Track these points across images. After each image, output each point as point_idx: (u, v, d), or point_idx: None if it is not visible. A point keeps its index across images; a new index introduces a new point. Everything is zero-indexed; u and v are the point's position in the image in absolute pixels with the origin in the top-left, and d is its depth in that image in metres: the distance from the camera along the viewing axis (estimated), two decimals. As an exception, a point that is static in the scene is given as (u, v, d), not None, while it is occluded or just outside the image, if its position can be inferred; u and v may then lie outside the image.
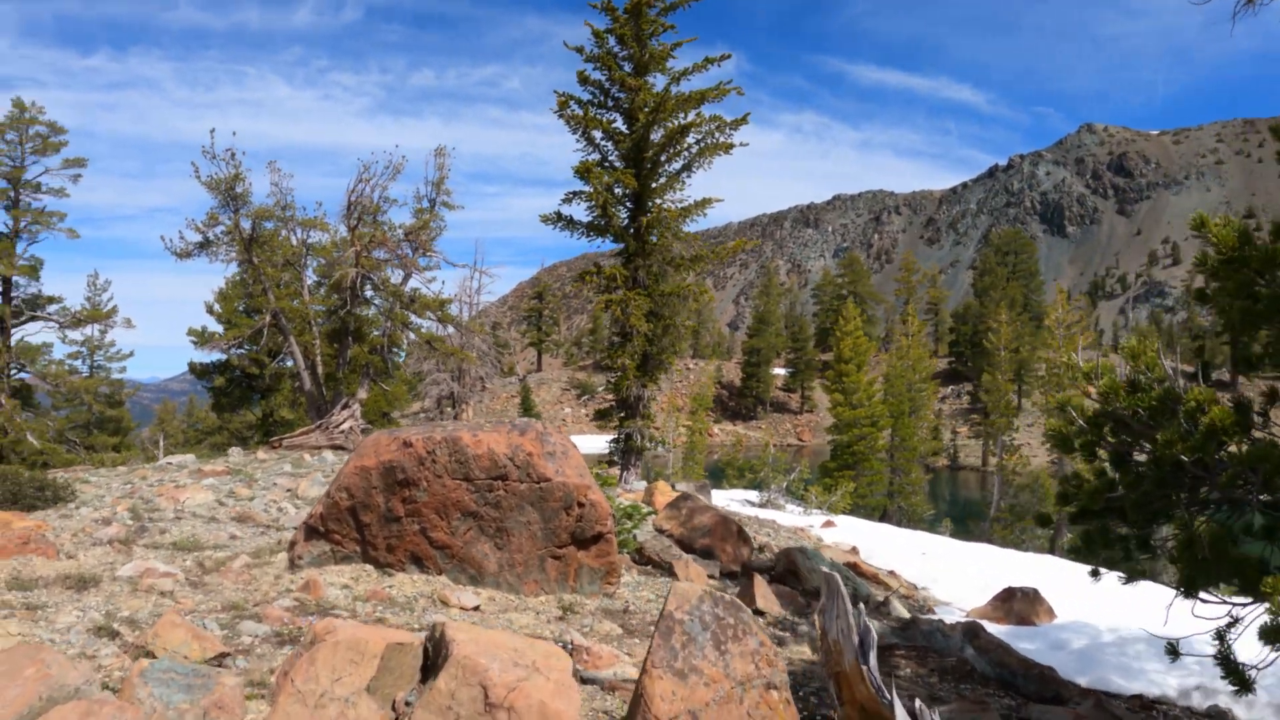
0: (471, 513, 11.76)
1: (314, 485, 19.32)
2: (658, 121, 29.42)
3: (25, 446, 39.96)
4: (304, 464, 26.42)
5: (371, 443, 12.27)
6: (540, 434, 12.33)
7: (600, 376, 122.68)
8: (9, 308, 41.07)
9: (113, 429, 56.67)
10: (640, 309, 28.90)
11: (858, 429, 53.36)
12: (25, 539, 11.66)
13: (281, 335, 37.08)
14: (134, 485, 20.17)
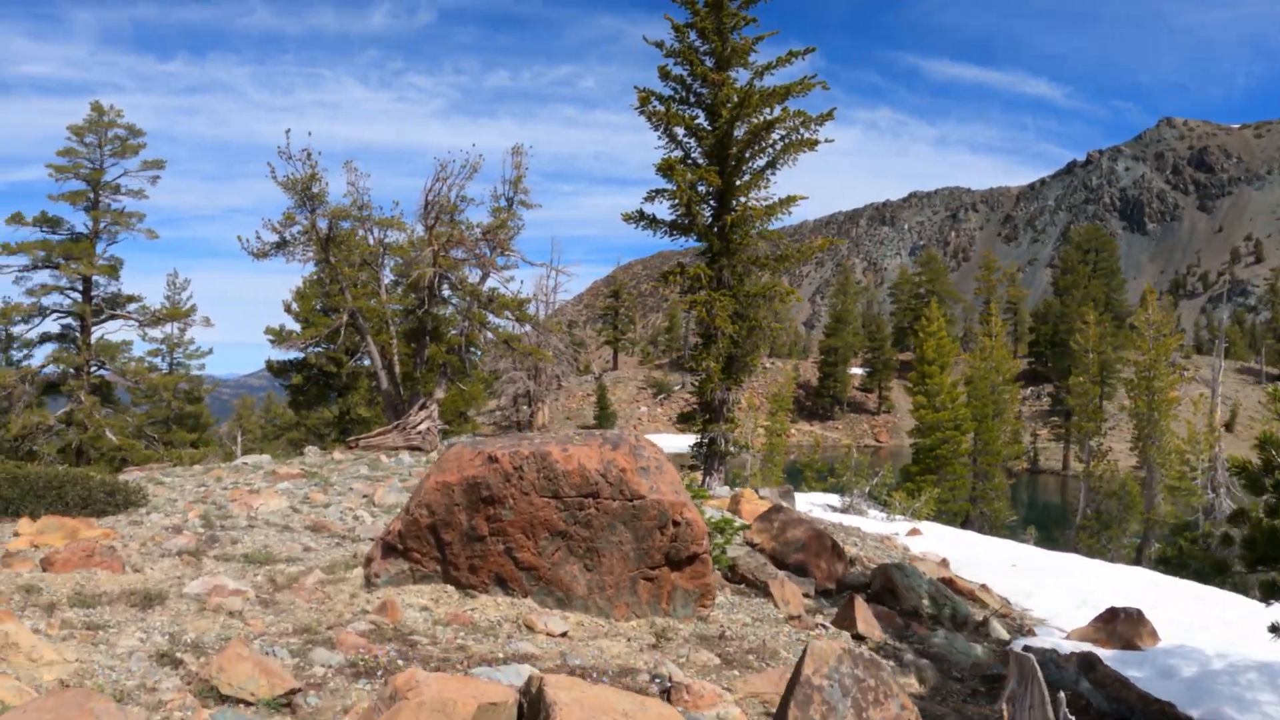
0: (560, 532, 11.09)
1: (391, 492, 18.71)
2: (741, 117, 28.68)
3: (104, 443, 40.28)
4: (380, 466, 25.92)
5: (454, 456, 11.59)
6: (634, 448, 11.60)
7: (677, 375, 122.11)
8: (89, 306, 41.28)
9: (191, 425, 56.90)
10: (725, 310, 28.17)
11: (941, 432, 52.04)
12: (90, 551, 11.11)
13: (358, 334, 36.73)
14: (208, 488, 19.71)
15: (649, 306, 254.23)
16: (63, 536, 12.67)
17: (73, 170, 40.61)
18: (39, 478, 15.25)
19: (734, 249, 29.32)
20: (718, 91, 29.01)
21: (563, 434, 12.53)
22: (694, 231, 29.51)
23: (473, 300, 35.52)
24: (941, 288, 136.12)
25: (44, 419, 39.49)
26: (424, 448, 31.78)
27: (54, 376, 41.37)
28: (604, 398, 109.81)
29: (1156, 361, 51.98)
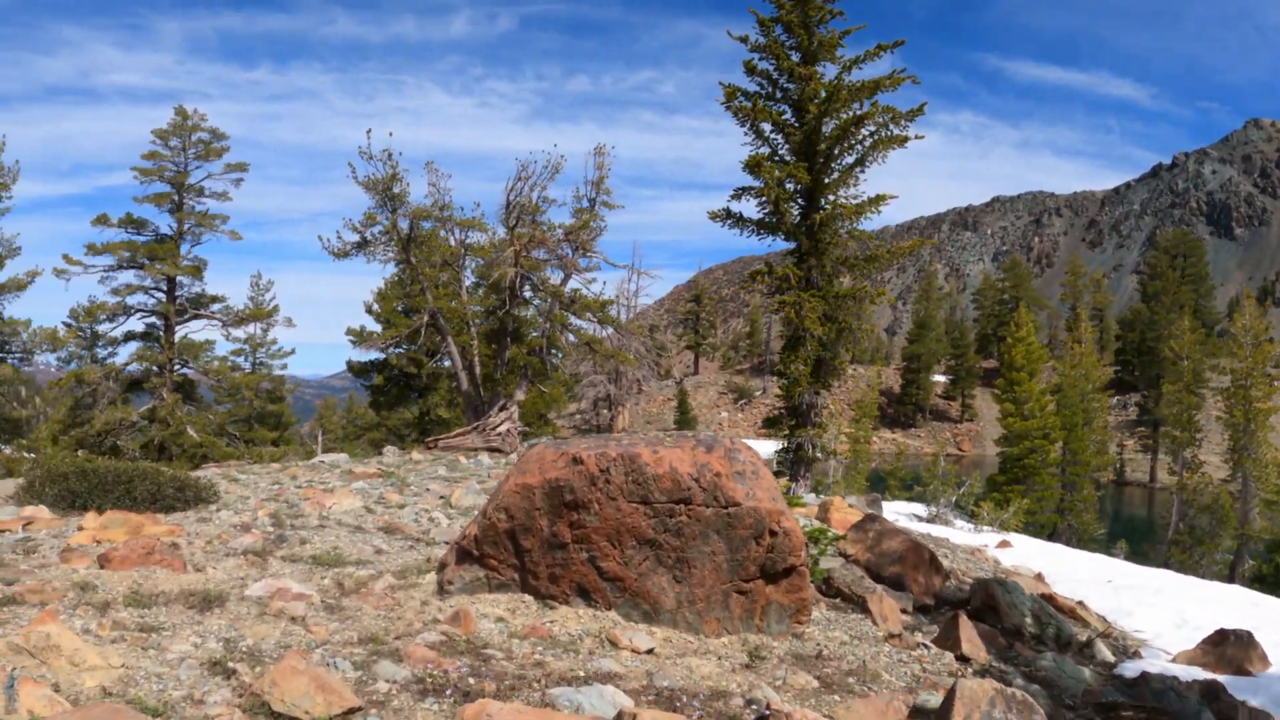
0: (648, 540, 10.32)
1: (468, 494, 18.11)
2: (830, 113, 27.91)
3: (186, 439, 40.84)
4: (459, 467, 25.45)
5: (535, 457, 10.89)
6: (729, 451, 10.83)
7: (758, 380, 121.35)
8: (173, 306, 41.87)
9: (273, 424, 57.44)
10: (815, 311, 27.40)
11: (1029, 441, 50.95)
12: (150, 548, 10.56)
13: (439, 335, 36.51)
14: (281, 486, 19.31)
15: (729, 311, 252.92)
16: (126, 532, 12.19)
17: (157, 173, 41.26)
18: (108, 472, 14.85)
19: (822, 249, 28.56)
20: (805, 86, 28.27)
21: (652, 435, 11.81)
22: (781, 230, 28.76)
23: (554, 301, 35.12)
24: (1026, 293, 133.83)
25: (127, 415, 40.10)
26: (503, 449, 31.37)
27: (138, 374, 42.10)
28: (684, 402, 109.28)
29: (1253, 370, 50.25)
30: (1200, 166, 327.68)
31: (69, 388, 40.49)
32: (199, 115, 42.26)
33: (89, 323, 41.52)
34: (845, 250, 28.93)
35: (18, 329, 37.78)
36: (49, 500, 14.47)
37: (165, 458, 40.26)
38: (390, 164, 33.93)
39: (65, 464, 15.14)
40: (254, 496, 17.35)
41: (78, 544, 11.65)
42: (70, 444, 39.32)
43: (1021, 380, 52.97)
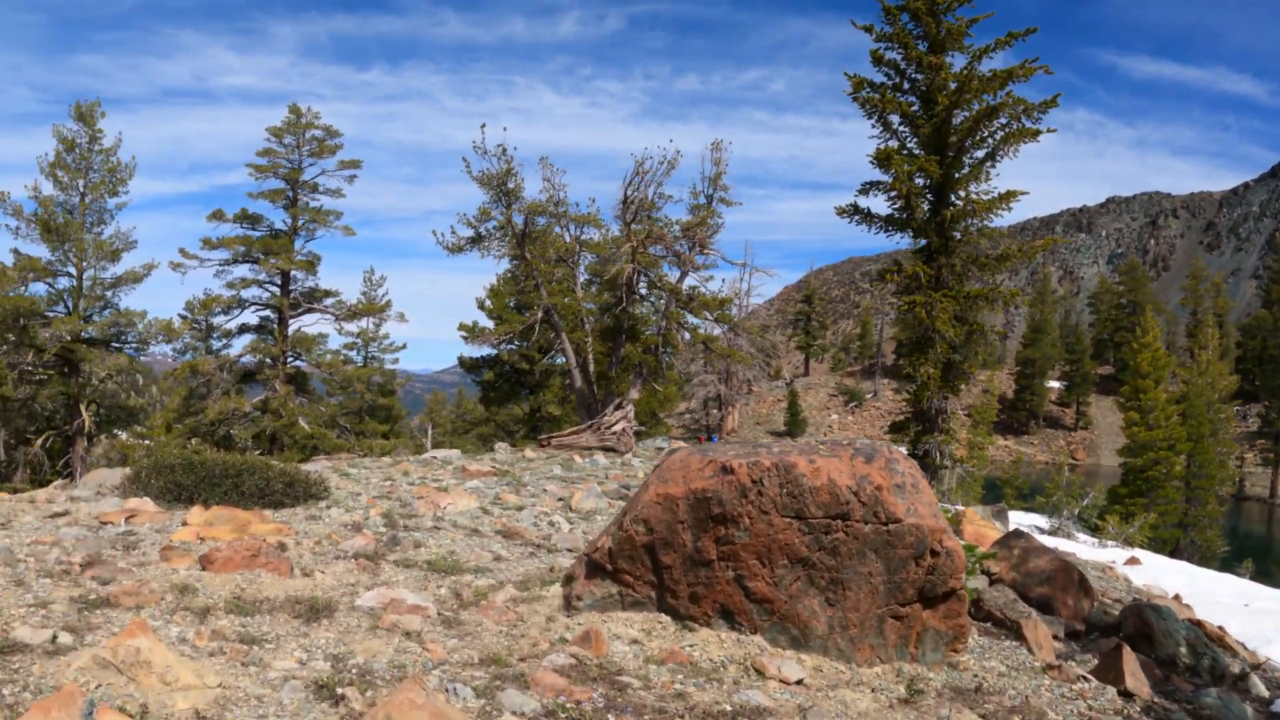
0: (801, 559, 9.40)
1: (588, 497, 17.26)
2: (961, 104, 26.71)
3: (297, 430, 41.00)
4: (574, 467, 24.75)
5: (678, 465, 9.97)
6: (889, 460, 9.86)
7: (869, 383, 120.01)
8: (287, 300, 42.17)
9: (383, 416, 57.67)
10: (947, 311, 26.23)
11: (1153, 452, 49.05)
12: (255, 550, 9.83)
13: (553, 332, 36.05)
14: (394, 482, 18.67)
15: (839, 313, 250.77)
16: (232, 530, 11.53)
17: (271, 170, 41.74)
18: (215, 465, 14.26)
19: (952, 247, 27.38)
20: (935, 76, 27.16)
21: (803, 442, 10.85)
22: (911, 227, 27.60)
23: (670, 299, 34.39)
24: (1144, 297, 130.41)
25: (240, 405, 40.34)
26: (619, 449, 30.68)
27: (251, 365, 42.68)
28: (795, 404, 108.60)
29: None
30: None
31: (184, 378, 40.91)
32: (313, 113, 42.52)
33: (204, 315, 42.51)
34: (976, 248, 27.68)
35: (134, 320, 38.17)
36: (154, 492, 13.90)
37: (277, 448, 41.00)
38: (505, 159, 33.56)
39: (172, 456, 14.59)
40: (365, 493, 16.70)
41: (180, 541, 11.01)
42: (184, 432, 40.02)
43: (1147, 388, 50.85)
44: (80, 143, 37.21)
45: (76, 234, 36.34)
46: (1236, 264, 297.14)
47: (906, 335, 29.17)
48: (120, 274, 37.52)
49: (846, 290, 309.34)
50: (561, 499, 17.81)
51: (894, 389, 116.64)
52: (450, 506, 15.29)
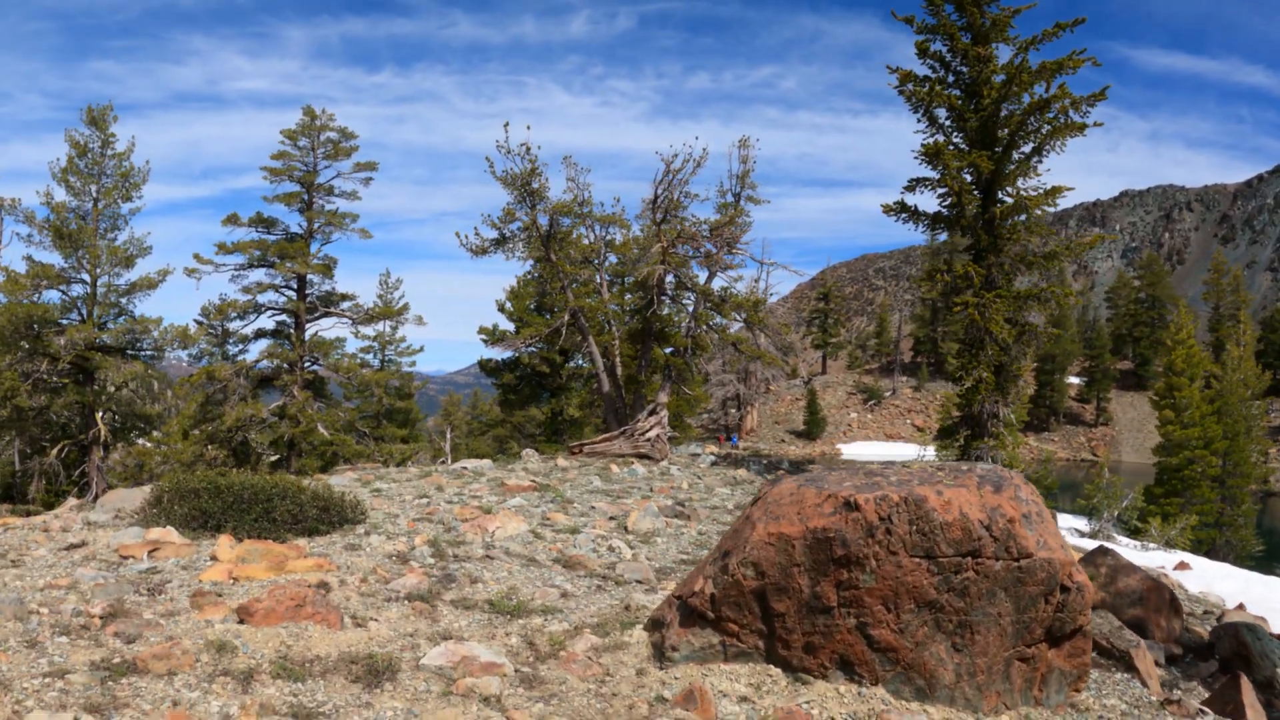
0: (929, 602, 8.34)
1: (645, 516, 16.09)
2: (1009, 97, 25.55)
3: (316, 436, 40.51)
4: (613, 477, 23.84)
5: (790, 500, 8.82)
6: (1015, 489, 8.80)
7: (887, 381, 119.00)
8: (304, 304, 41.56)
9: (401, 420, 57.17)
10: (1000, 312, 25.09)
11: (1189, 450, 48.03)
12: (299, 599, 8.61)
13: (580, 334, 35.03)
14: (430, 499, 17.61)
15: (853, 310, 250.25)
16: (267, 567, 10.35)
17: (286, 173, 41.12)
18: (244, 489, 13.06)
19: (1001, 245, 26.20)
20: (982, 68, 26.11)
21: (920, 468, 9.71)
22: (960, 225, 26.42)
23: (700, 300, 33.40)
24: (1162, 292, 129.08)
25: (258, 411, 39.65)
26: (654, 456, 29.69)
27: (268, 371, 41.94)
28: (814, 403, 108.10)
29: None
30: None
31: (200, 384, 39.99)
32: (327, 115, 41.92)
33: (220, 320, 41.66)
34: (1025, 246, 26.53)
35: (149, 326, 37.43)
36: (178, 520, 12.72)
37: (295, 454, 40.80)
38: (529, 158, 32.62)
39: (196, 479, 13.37)
40: (403, 514, 15.58)
41: (211, 582, 9.83)
42: (201, 439, 39.67)
43: (1182, 385, 49.72)
44: (93, 148, 36.43)
45: (90, 240, 35.51)
46: (1251, 256, 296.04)
47: (957, 337, 28.03)
48: (135, 280, 36.77)
49: (860, 288, 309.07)
50: (614, 518, 16.74)
51: (913, 387, 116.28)
52: (499, 530, 14.15)
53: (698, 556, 14.16)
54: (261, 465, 41.62)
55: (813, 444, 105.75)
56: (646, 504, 16.76)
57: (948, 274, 26.09)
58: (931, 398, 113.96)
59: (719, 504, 20.26)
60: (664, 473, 26.07)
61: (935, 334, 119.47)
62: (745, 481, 25.41)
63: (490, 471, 23.86)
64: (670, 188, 32.63)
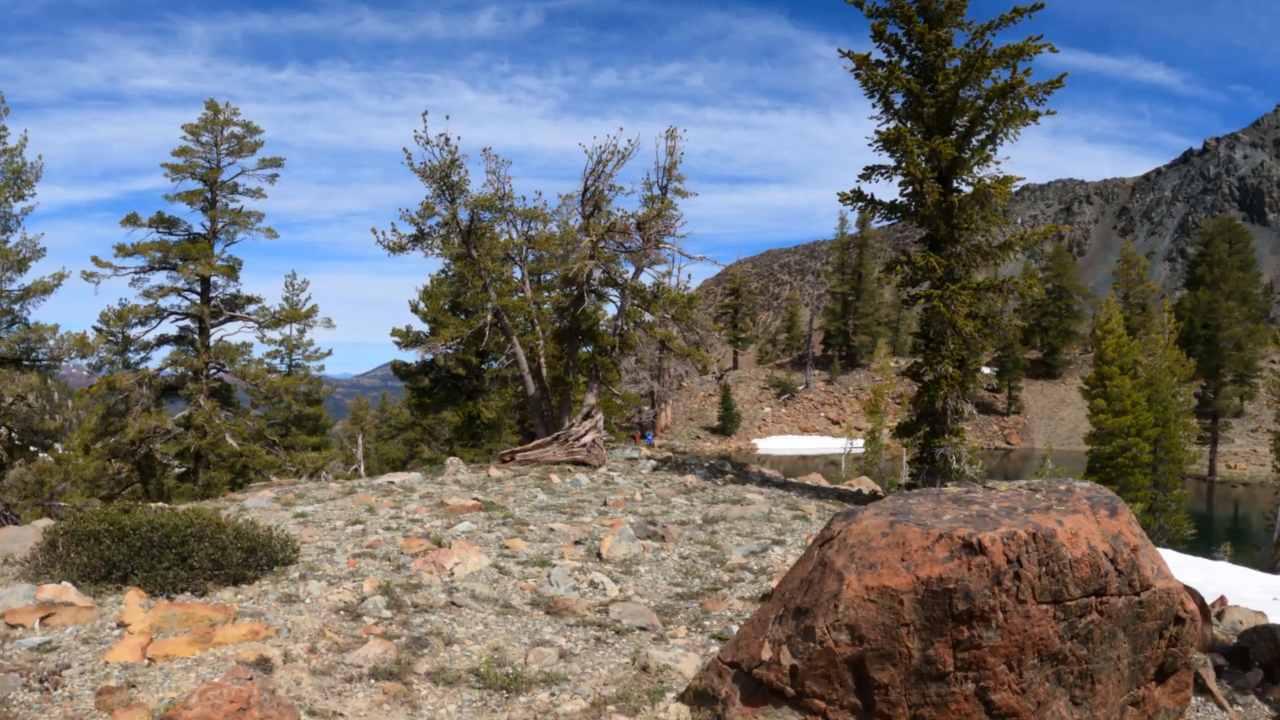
0: (1053, 654, 6.78)
1: (620, 541, 14.17)
2: (969, 81, 24.06)
3: (224, 447, 38.76)
4: (556, 489, 22.33)
5: (886, 543, 7.04)
6: (1128, 511, 7.31)
7: (800, 375, 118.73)
8: (208, 308, 39.63)
9: (311, 427, 54.88)
10: (965, 305, 23.65)
11: (1121, 439, 48.32)
12: (242, 701, 6.41)
13: (503, 335, 33.51)
14: (364, 526, 15.61)
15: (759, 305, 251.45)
16: (191, 640, 8.28)
17: (188, 169, 39.18)
18: (154, 529, 10.90)
19: (958, 235, 24.77)
20: (940, 52, 24.61)
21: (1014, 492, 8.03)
22: (920, 213, 24.90)
23: (628, 296, 31.85)
24: (1069, 283, 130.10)
25: (162, 422, 37.91)
26: (591, 462, 28.00)
27: (172, 379, 39.89)
28: (728, 398, 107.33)
29: None
30: (1231, 151, 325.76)
31: (101, 394, 38.10)
32: (231, 110, 40.07)
33: (120, 327, 39.22)
34: (986, 237, 25.14)
35: (44, 334, 35.04)
36: (77, 572, 10.52)
37: (203, 466, 39.38)
38: (448, 149, 30.77)
39: (96, 519, 11.17)
40: (339, 548, 13.55)
41: (121, 665, 7.77)
42: (103, 453, 37.64)
43: (1112, 374, 50.25)
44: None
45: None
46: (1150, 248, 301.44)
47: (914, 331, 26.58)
48: (29, 285, 34.31)
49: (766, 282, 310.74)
50: (579, 542, 14.92)
51: (825, 380, 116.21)
52: (458, 567, 12.17)
53: (691, 588, 12.55)
54: (168, 479, 39.64)
55: (728, 440, 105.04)
56: (621, 526, 14.79)
57: (908, 265, 24.55)
58: (845, 390, 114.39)
59: (684, 518, 18.59)
60: (608, 481, 24.34)
61: (846, 327, 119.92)
62: (698, 489, 23.79)
63: (421, 486, 21.98)
64: (599, 180, 30.94)
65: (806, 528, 18.41)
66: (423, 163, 30.61)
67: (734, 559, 14.52)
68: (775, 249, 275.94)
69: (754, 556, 14.91)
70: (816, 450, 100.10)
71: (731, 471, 29.15)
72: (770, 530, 17.59)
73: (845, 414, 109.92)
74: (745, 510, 19.47)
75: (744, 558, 14.72)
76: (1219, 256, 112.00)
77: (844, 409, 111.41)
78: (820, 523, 19.51)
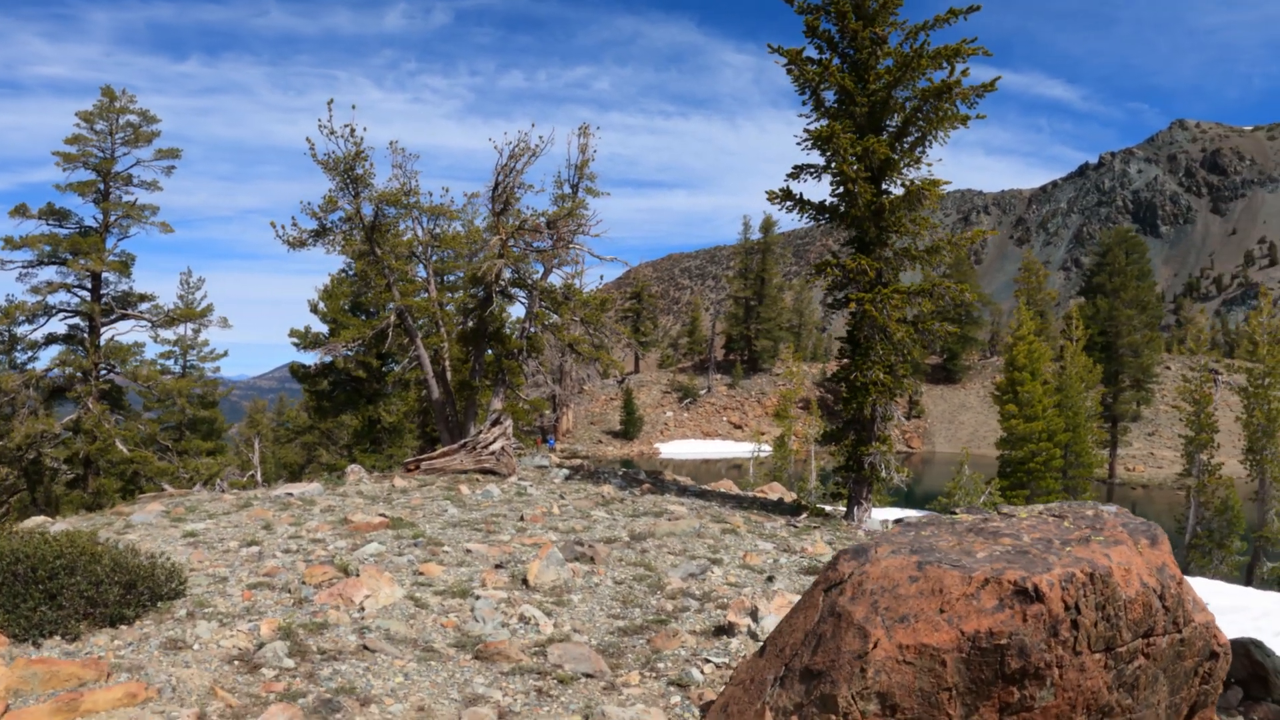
0: (1101, 707, 5.90)
1: (548, 566, 12.75)
2: (903, 81, 23.13)
3: (114, 453, 37.08)
4: (467, 502, 21.05)
5: (918, 590, 5.95)
6: (1165, 537, 6.61)
7: (702, 379, 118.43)
8: (98, 305, 38.13)
9: (206, 431, 52.94)
10: (899, 310, 22.77)
11: (1033, 443, 48.46)
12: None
13: (407, 336, 32.16)
14: (260, 548, 14.20)
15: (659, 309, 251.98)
16: (53, 710, 6.86)
17: (81, 159, 37.62)
18: (16, 559, 9.36)
19: (887, 237, 23.85)
20: (875, 50, 23.67)
21: (1039, 518, 7.05)
22: (851, 216, 23.86)
23: (536, 297, 30.76)
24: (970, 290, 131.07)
25: (49, 426, 36.57)
26: (500, 471, 26.81)
27: (60, 380, 38.43)
28: (630, 403, 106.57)
29: (1275, 369, 47.26)
30: (1126, 166, 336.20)
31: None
32: (128, 97, 38.56)
33: (6, 325, 37.79)
34: (915, 240, 24.20)
35: (-75, 334, 33.35)
36: (-75, 610, 9.06)
37: (93, 473, 38.00)
38: (354, 141, 29.21)
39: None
40: (233, 576, 12.08)
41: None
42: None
43: (1024, 380, 50.38)
44: None
45: None
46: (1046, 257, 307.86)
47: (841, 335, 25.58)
48: (-92, 280, 32.49)
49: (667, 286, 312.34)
50: (501, 565, 13.56)
51: (728, 384, 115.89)
52: (369, 601, 10.74)
53: (633, 620, 11.31)
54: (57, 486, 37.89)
55: (630, 444, 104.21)
56: (549, 550, 13.33)
57: (838, 268, 23.47)
58: (747, 395, 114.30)
59: (608, 534, 17.35)
60: (520, 493, 23.04)
61: (749, 331, 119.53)
62: (616, 500, 22.58)
63: (322, 498, 20.51)
64: (510, 175, 29.65)
65: (739, 543, 17.33)
66: (326, 154, 29.00)
67: (673, 583, 13.30)
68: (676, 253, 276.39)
69: (694, 580, 13.76)
70: (719, 454, 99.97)
71: (647, 480, 28.02)
72: (703, 548, 16.42)
73: (748, 418, 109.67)
74: (674, 526, 18.16)
75: (683, 581, 13.53)
76: (1119, 265, 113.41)
77: (746, 413, 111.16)
78: (751, 536, 18.46)
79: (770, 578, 14.28)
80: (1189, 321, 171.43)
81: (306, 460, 52.91)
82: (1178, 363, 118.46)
